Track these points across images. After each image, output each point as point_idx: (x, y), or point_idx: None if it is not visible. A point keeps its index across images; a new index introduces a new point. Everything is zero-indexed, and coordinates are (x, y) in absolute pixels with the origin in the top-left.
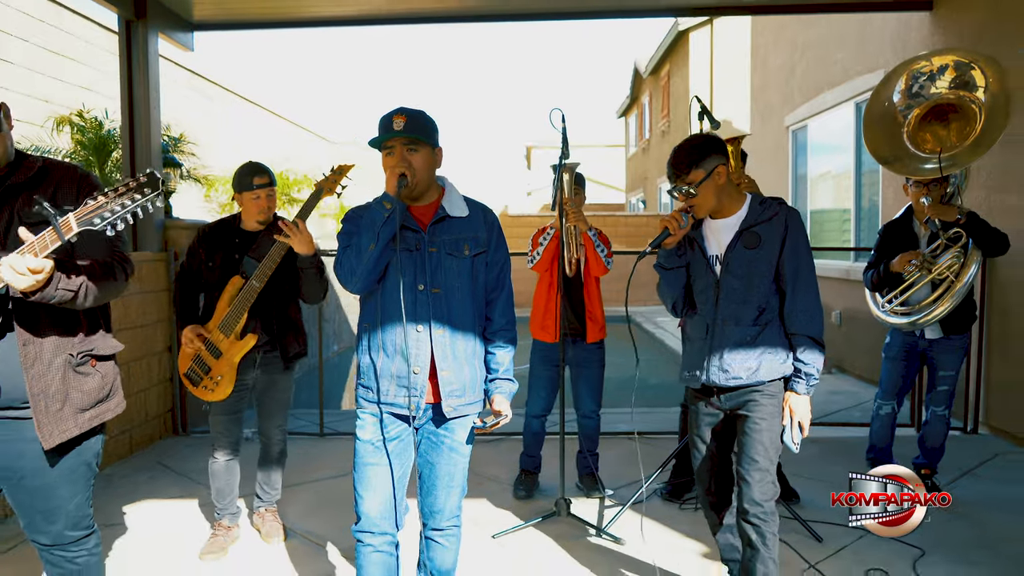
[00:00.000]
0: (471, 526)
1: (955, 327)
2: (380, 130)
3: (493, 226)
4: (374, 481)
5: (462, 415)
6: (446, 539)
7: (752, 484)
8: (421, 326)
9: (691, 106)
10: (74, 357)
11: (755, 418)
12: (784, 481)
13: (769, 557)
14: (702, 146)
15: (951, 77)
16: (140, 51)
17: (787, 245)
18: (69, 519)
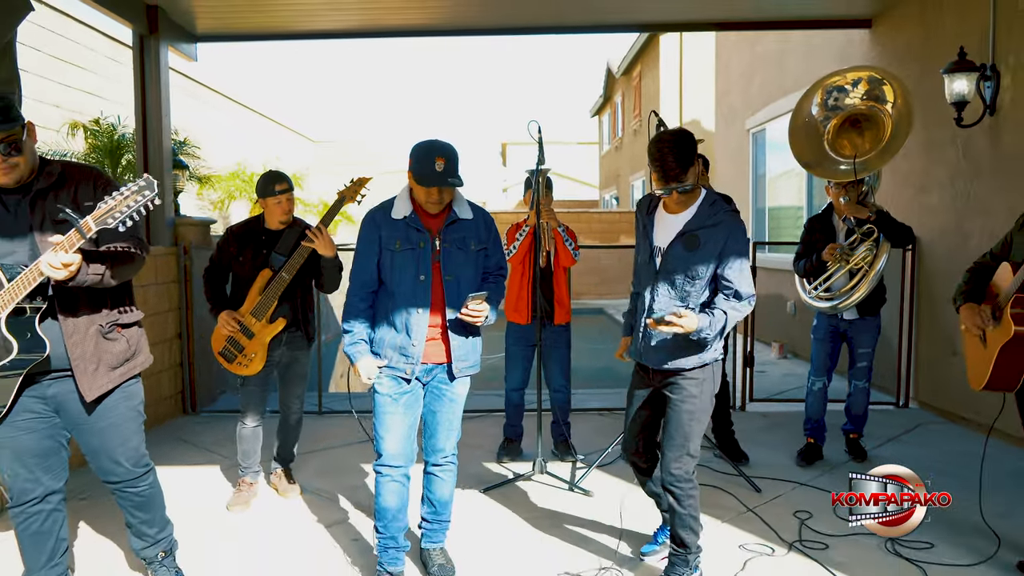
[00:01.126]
0: (462, 483)
1: (869, 309)
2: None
3: (491, 227)
4: (391, 425)
5: (465, 375)
6: (444, 473)
7: (670, 458)
8: (421, 308)
9: (649, 119)
10: (103, 327)
11: (676, 400)
12: (735, 445)
13: (687, 514)
14: (690, 145)
15: (864, 90)
16: (152, 63)
17: (724, 256)
18: (130, 458)
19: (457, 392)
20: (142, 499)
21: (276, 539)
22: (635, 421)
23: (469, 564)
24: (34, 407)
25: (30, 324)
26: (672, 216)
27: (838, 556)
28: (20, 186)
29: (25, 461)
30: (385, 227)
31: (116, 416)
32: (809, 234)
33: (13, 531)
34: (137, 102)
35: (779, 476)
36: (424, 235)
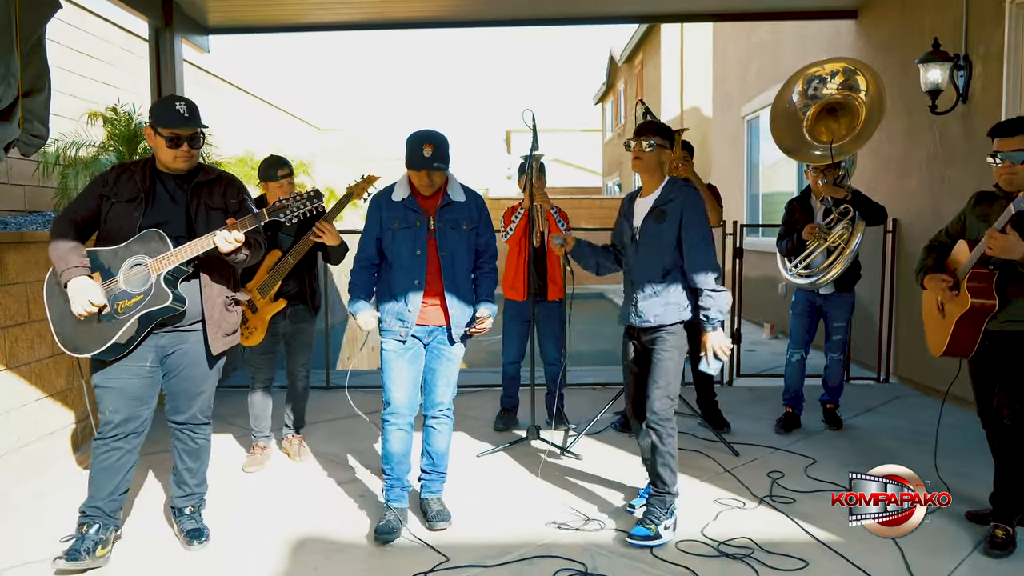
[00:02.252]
0: (459, 448)
1: (845, 285)
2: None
3: (482, 209)
4: (397, 376)
5: (461, 337)
6: (441, 425)
7: (653, 399)
8: (417, 280)
9: (636, 108)
10: (227, 299)
11: (659, 350)
12: (719, 414)
13: (667, 451)
14: (666, 130)
15: (840, 80)
16: (167, 54)
17: (683, 221)
18: (203, 405)
19: (454, 352)
20: (196, 447)
21: (290, 494)
22: (632, 380)
23: (464, 515)
24: (147, 356)
25: (176, 282)
26: (643, 199)
27: (804, 508)
28: (185, 175)
29: (127, 402)
30: (386, 209)
31: (209, 371)
32: (790, 215)
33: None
34: (153, 92)
35: (758, 442)
36: (420, 215)
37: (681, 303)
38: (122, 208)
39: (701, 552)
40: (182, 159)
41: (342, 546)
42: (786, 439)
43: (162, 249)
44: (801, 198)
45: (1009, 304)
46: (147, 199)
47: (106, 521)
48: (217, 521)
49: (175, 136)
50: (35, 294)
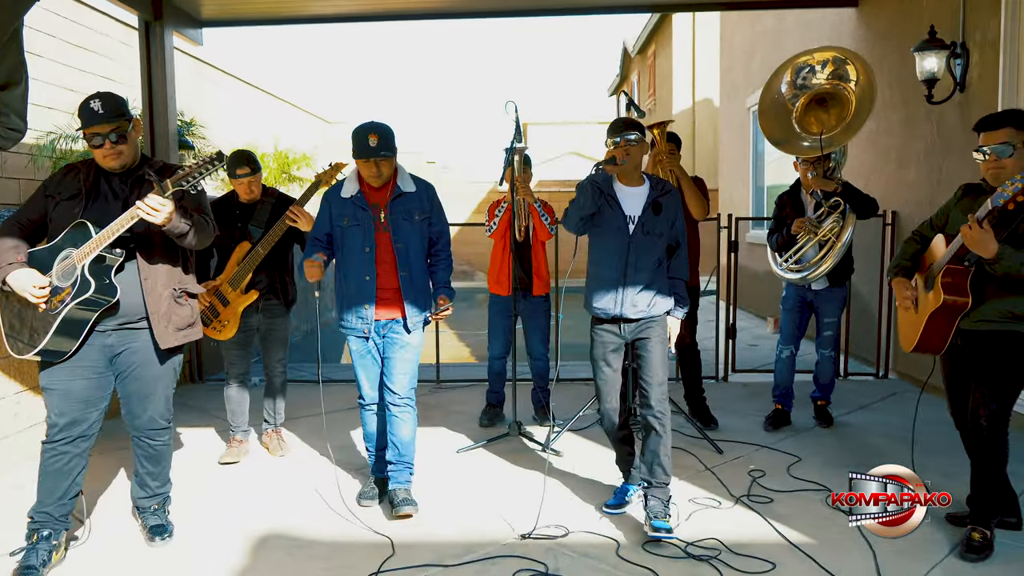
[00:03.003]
0: (440, 445)
1: (837, 280)
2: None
3: (433, 198)
4: (363, 372)
5: (416, 328)
6: (402, 414)
7: (653, 392)
8: (369, 276)
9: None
10: (176, 291)
11: (654, 341)
12: (706, 411)
13: (668, 440)
14: (641, 125)
15: (830, 71)
16: (158, 47)
17: (678, 217)
18: (158, 408)
19: (409, 339)
20: (155, 452)
21: (262, 489)
22: (615, 379)
23: (433, 512)
24: (93, 356)
25: (107, 271)
26: (632, 189)
27: (781, 509)
28: (125, 172)
29: (72, 404)
30: (335, 205)
31: (161, 371)
32: (780, 209)
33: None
34: (143, 86)
35: (744, 439)
36: (368, 213)
37: (667, 294)
38: (64, 206)
39: (667, 553)
40: (111, 157)
41: (305, 543)
42: (773, 436)
43: (88, 238)
44: (791, 192)
45: (983, 303)
46: (88, 196)
47: (56, 526)
48: (185, 515)
49: (94, 135)
50: None
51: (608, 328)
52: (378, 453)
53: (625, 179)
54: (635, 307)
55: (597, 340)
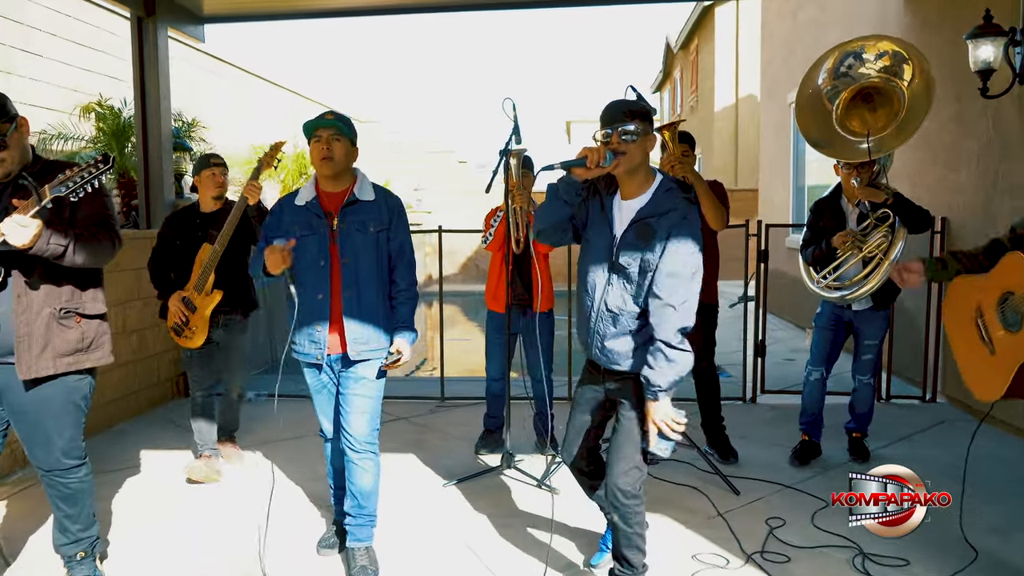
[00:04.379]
0: (428, 476)
1: (882, 300)
2: (312, 122)
3: (395, 210)
4: (321, 408)
5: (366, 358)
6: (362, 461)
7: (616, 473)
8: (322, 293)
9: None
10: (58, 312)
11: (627, 407)
12: (725, 441)
13: (634, 532)
14: (648, 108)
15: (884, 64)
16: (151, 45)
17: (669, 244)
18: (62, 448)
19: (360, 374)
20: (69, 492)
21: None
22: (582, 425)
23: (399, 567)
24: None
25: None
26: (627, 202)
27: (799, 570)
28: (9, 180)
29: None
30: (288, 212)
31: (54, 406)
32: (816, 218)
33: None
34: (136, 85)
35: (765, 477)
36: (324, 220)
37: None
38: None
39: None
40: None
41: None
42: (801, 473)
43: None
44: (829, 199)
45: None
46: None
47: None
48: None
49: None
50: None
51: (590, 373)
52: (338, 492)
53: (625, 183)
54: (608, 357)
55: (580, 383)
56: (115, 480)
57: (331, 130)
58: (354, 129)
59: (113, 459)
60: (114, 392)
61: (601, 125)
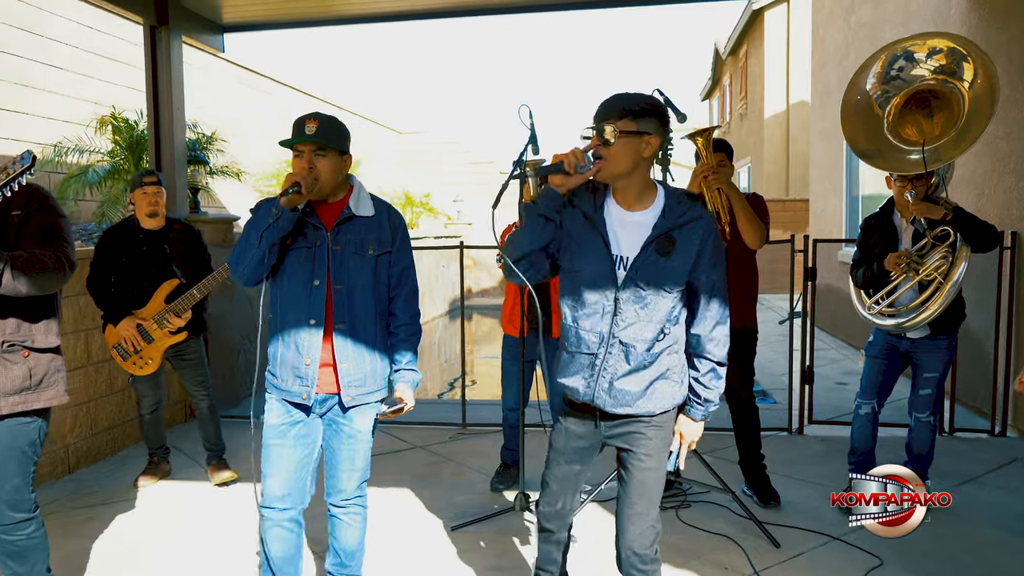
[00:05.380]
0: (436, 515)
1: (942, 328)
2: (292, 133)
3: (398, 227)
4: (277, 461)
5: (361, 404)
6: (348, 517)
7: (631, 536)
8: (314, 319)
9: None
10: (2, 345)
11: (640, 454)
12: (765, 481)
13: None
14: (648, 103)
15: (939, 64)
16: (164, 55)
17: (702, 259)
18: (8, 500)
19: (356, 426)
20: (16, 548)
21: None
22: (570, 475)
23: None
24: None
25: None
26: (632, 215)
27: None
28: None
29: None
30: None
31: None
32: (866, 236)
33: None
34: (149, 96)
35: (811, 525)
36: (321, 232)
37: (678, 379)
38: None
39: None
40: None
41: None
42: (848, 522)
43: None
44: (881, 215)
45: None
46: None
47: None
48: None
49: None
50: None
51: (577, 417)
52: None
53: (618, 193)
54: (616, 398)
55: (559, 427)
56: (104, 516)
57: (313, 146)
58: (344, 133)
59: (107, 490)
60: (114, 418)
61: (593, 121)
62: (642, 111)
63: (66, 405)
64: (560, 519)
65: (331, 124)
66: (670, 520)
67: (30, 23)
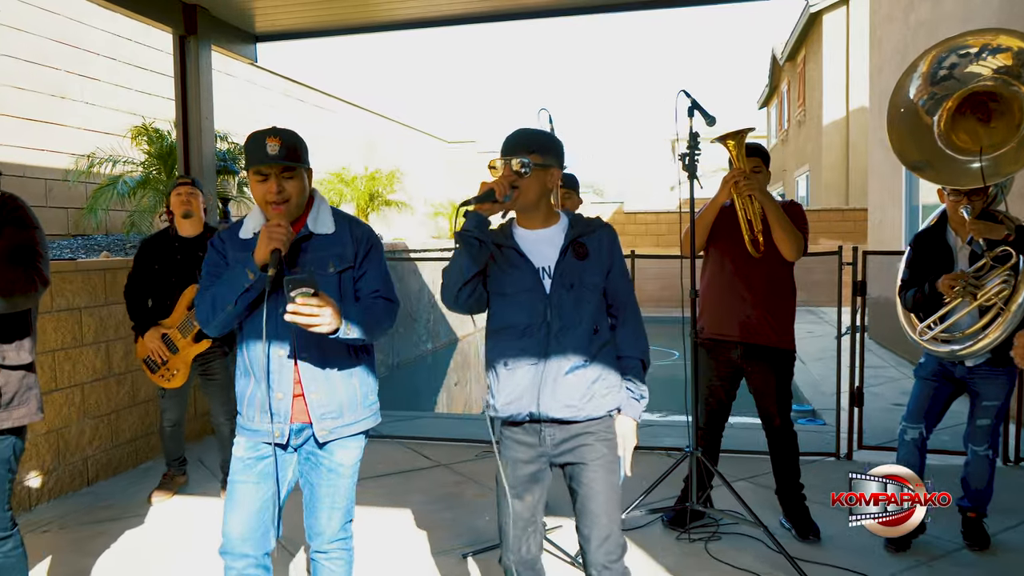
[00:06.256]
0: (451, 540)
1: (1003, 358)
2: (251, 153)
3: (362, 241)
4: (239, 500)
5: (339, 437)
6: (332, 563)
7: (595, 545)
8: (283, 350)
9: (677, 98)
10: None
11: (592, 466)
12: (804, 512)
13: None
14: (551, 140)
15: (1003, 63)
16: (193, 65)
17: (614, 263)
18: None
19: (337, 460)
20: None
21: None
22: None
23: None
24: None
25: None
26: (541, 232)
27: None
28: None
29: None
30: (231, 249)
31: None
32: (916, 254)
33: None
34: (178, 105)
35: (851, 565)
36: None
37: (615, 379)
38: None
39: None
40: None
41: None
42: (896, 562)
43: None
44: (932, 232)
45: None
46: None
47: None
48: None
49: None
50: None
51: (519, 436)
52: None
53: (525, 219)
54: (560, 401)
55: (503, 452)
56: (113, 531)
57: (279, 168)
58: (305, 147)
59: (122, 504)
60: (136, 430)
61: (500, 154)
62: (546, 147)
63: (86, 416)
64: (530, 568)
65: (294, 142)
66: (697, 553)
67: (68, 36)
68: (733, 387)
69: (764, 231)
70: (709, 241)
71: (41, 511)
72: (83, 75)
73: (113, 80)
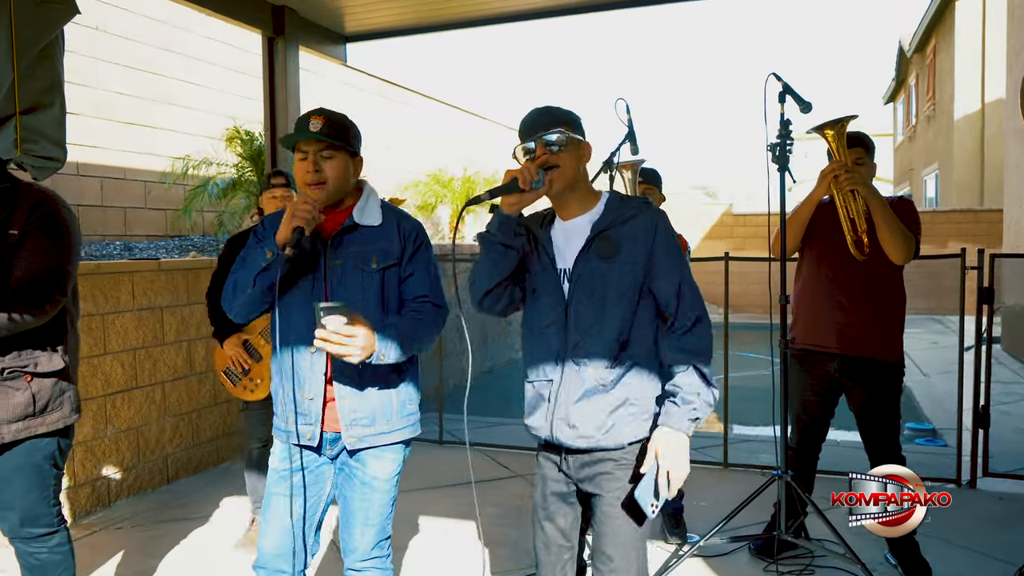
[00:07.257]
0: (513, 559)
1: None
2: (295, 131)
3: (410, 237)
4: (274, 513)
5: (370, 446)
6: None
7: None
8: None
9: (766, 81)
10: (1, 373)
11: (609, 499)
12: (913, 548)
13: None
14: (574, 113)
15: None
16: (280, 66)
17: (656, 255)
18: (24, 514)
19: (371, 472)
20: (37, 563)
21: None
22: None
23: None
24: None
25: None
26: (575, 222)
27: None
28: None
29: None
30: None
31: (9, 468)
32: None
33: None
34: (266, 107)
35: None
36: (322, 244)
37: (647, 404)
38: None
39: None
40: None
41: None
42: None
43: None
44: None
45: None
46: None
47: None
48: None
49: None
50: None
51: (548, 457)
52: None
53: (560, 207)
54: (573, 427)
55: (538, 473)
56: (180, 531)
57: (319, 144)
58: (355, 133)
59: (197, 503)
60: (217, 429)
61: (520, 140)
62: (572, 119)
63: (167, 415)
64: None
65: (339, 121)
66: None
67: (173, 43)
68: (830, 403)
69: (869, 231)
70: (804, 242)
71: (119, 507)
72: (187, 81)
73: (214, 85)
